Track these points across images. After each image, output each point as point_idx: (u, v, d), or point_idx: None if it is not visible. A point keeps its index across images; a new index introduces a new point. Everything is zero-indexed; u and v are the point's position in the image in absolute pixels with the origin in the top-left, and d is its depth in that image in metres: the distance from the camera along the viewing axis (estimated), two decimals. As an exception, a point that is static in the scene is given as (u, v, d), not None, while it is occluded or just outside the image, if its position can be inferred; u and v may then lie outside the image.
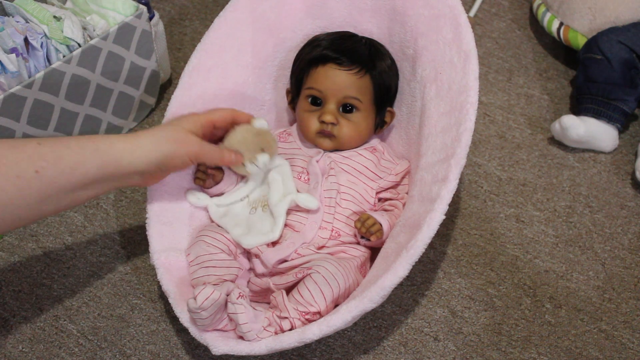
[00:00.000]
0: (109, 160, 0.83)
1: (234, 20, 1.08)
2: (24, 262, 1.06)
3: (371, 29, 1.11)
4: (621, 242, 1.10)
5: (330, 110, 1.02)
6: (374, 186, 1.02)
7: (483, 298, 1.02)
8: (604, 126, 1.19)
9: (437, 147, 0.94)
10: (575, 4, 1.29)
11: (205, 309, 0.83)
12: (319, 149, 1.04)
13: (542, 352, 0.97)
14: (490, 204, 1.14)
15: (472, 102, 0.92)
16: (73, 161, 0.80)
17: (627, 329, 1.00)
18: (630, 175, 1.18)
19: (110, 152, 0.83)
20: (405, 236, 0.89)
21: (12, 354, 0.96)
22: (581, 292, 1.03)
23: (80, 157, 0.81)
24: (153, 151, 0.86)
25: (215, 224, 1.00)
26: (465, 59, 0.95)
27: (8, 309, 1.00)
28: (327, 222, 0.97)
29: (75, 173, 0.80)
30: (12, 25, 1.04)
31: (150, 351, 0.96)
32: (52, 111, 1.08)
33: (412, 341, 0.98)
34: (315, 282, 0.88)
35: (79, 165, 0.81)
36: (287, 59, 1.12)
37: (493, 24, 1.44)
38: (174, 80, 1.31)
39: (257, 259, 0.96)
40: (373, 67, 1.03)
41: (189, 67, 1.06)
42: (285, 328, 0.87)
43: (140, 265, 1.05)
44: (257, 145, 0.96)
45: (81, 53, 1.06)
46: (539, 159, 1.21)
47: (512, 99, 1.30)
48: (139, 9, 1.13)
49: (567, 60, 1.37)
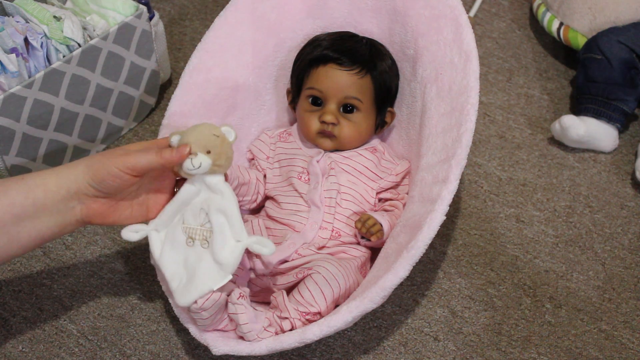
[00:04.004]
0: (34, 184, 0.79)
1: (234, 20, 1.08)
2: (24, 262, 1.06)
3: (372, 29, 1.11)
4: (621, 242, 1.10)
5: (330, 110, 1.02)
6: (375, 186, 1.02)
7: (483, 298, 1.02)
8: (604, 126, 1.19)
9: (438, 147, 0.94)
10: (575, 4, 1.29)
11: (206, 309, 0.83)
12: (320, 149, 1.04)
13: (542, 352, 0.97)
14: (490, 204, 1.14)
15: (473, 102, 0.92)
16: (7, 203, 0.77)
17: (627, 329, 1.00)
18: (630, 175, 1.18)
19: (35, 177, 0.80)
20: (405, 236, 0.89)
21: (12, 354, 0.96)
22: (581, 292, 1.04)
23: (3, 187, 0.78)
24: (77, 165, 0.81)
25: None
26: (465, 59, 0.95)
27: (8, 309, 1.00)
28: (327, 223, 0.97)
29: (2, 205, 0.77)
30: (12, 25, 1.03)
31: (150, 351, 0.96)
32: (52, 111, 1.07)
33: (412, 341, 0.98)
34: (316, 282, 0.88)
35: (2, 195, 0.78)
36: (288, 59, 1.12)
37: (493, 24, 1.44)
38: (174, 80, 1.31)
39: (258, 259, 0.96)
40: (374, 68, 1.03)
41: (189, 67, 1.06)
42: (286, 328, 0.87)
43: (140, 265, 1.05)
44: (206, 144, 0.82)
45: (81, 53, 1.06)
46: (539, 159, 1.21)
47: (512, 99, 1.30)
48: (139, 9, 1.13)
49: (567, 60, 1.37)
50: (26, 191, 0.79)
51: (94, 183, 0.80)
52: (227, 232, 0.83)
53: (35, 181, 0.80)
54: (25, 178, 0.80)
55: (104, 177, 0.80)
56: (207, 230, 0.84)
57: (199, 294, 0.82)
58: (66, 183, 0.80)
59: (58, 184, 0.80)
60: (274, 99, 1.15)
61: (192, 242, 0.84)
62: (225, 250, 0.83)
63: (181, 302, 0.83)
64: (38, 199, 0.79)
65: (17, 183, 0.79)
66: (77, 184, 0.80)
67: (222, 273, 0.82)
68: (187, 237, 0.85)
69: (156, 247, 0.86)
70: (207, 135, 0.82)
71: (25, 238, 0.80)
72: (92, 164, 0.81)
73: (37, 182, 0.80)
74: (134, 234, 0.86)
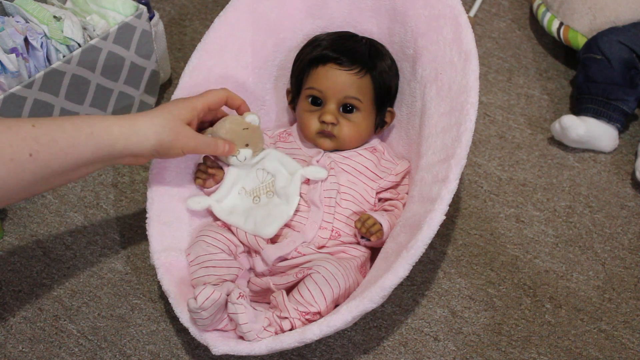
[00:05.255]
0: (103, 144, 0.83)
1: (234, 20, 1.08)
2: (24, 262, 1.06)
3: (371, 29, 1.11)
4: (621, 242, 1.10)
5: (330, 110, 1.02)
6: (374, 186, 1.02)
7: (483, 298, 1.02)
8: (604, 126, 1.19)
9: (438, 147, 0.94)
10: (575, 4, 1.29)
11: (206, 309, 0.83)
12: (319, 149, 1.04)
13: (542, 352, 0.97)
14: (490, 204, 1.14)
15: (473, 102, 0.92)
16: (67, 145, 0.80)
17: (627, 329, 1.00)
18: (630, 175, 1.18)
19: (106, 137, 0.83)
20: (405, 236, 0.89)
21: (12, 354, 0.96)
22: (581, 292, 1.03)
23: (74, 140, 0.80)
24: (149, 139, 0.86)
25: (216, 224, 0.99)
26: (465, 59, 0.95)
27: (8, 309, 1.00)
28: (327, 222, 0.97)
29: (69, 156, 0.80)
30: (12, 25, 1.04)
31: (150, 351, 0.96)
32: (52, 111, 1.08)
33: (412, 341, 0.98)
34: (316, 282, 0.88)
35: (73, 149, 0.80)
36: (287, 59, 1.12)
37: (493, 24, 1.44)
38: (174, 80, 1.31)
39: (258, 257, 0.96)
40: (373, 67, 1.03)
41: (189, 67, 1.06)
42: (286, 328, 0.87)
43: (140, 265, 1.05)
44: (243, 139, 0.98)
45: (81, 53, 1.06)
46: (539, 159, 1.21)
47: (512, 99, 1.30)
48: (139, 9, 1.13)
49: (567, 60, 1.37)
50: (95, 149, 0.82)
51: (156, 154, 0.89)
52: (284, 171, 0.99)
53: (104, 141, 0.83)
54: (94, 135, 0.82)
55: (168, 154, 0.90)
56: (269, 182, 0.99)
57: (278, 224, 0.95)
58: (133, 150, 0.86)
59: (125, 147, 0.85)
60: (273, 99, 1.15)
61: (259, 200, 0.99)
62: (286, 184, 0.98)
63: (265, 233, 0.95)
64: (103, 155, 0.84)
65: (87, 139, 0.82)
66: (142, 152, 0.87)
67: (291, 200, 0.96)
68: (252, 198, 0.99)
69: (221, 213, 0.99)
70: (239, 132, 0.97)
71: (76, 177, 0.85)
72: (162, 140, 0.87)
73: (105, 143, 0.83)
74: (197, 204, 0.99)
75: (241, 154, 0.98)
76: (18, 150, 0.76)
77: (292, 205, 0.96)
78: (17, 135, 0.76)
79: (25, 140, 0.77)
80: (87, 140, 0.82)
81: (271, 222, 0.96)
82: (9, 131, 0.76)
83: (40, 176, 0.78)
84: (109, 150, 0.84)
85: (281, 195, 0.98)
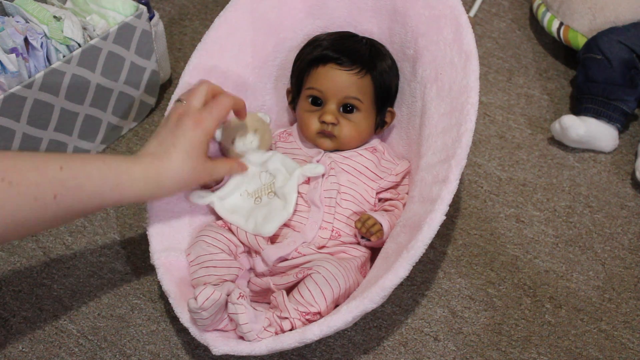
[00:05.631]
0: (126, 197, 0.84)
1: (234, 20, 1.08)
2: (24, 262, 1.06)
3: (372, 29, 1.11)
4: (621, 242, 1.10)
5: (330, 110, 1.02)
6: (374, 186, 1.02)
7: (483, 298, 1.02)
8: (604, 126, 1.19)
9: (438, 147, 0.94)
10: (575, 4, 1.29)
11: (206, 309, 0.83)
12: (319, 149, 1.04)
13: (542, 352, 0.97)
14: (490, 204, 1.14)
15: (473, 102, 0.92)
16: (92, 192, 0.81)
17: (627, 329, 1.00)
18: (630, 175, 1.18)
19: (130, 192, 0.84)
20: (405, 236, 0.89)
21: (12, 354, 0.96)
22: (581, 292, 1.04)
23: (99, 189, 0.81)
24: (171, 192, 0.89)
25: (217, 224, 0.99)
26: (465, 59, 0.95)
27: (8, 309, 1.00)
28: (327, 222, 0.97)
29: (93, 202, 0.81)
30: (12, 25, 1.03)
31: (150, 351, 0.96)
32: (52, 111, 1.08)
33: (412, 341, 0.98)
34: (316, 282, 0.88)
35: (97, 197, 0.81)
36: (288, 59, 1.12)
37: (493, 24, 1.44)
38: (174, 80, 1.31)
39: (258, 257, 0.96)
40: (374, 67, 1.03)
41: (189, 67, 1.06)
42: (286, 328, 0.87)
43: (140, 265, 1.05)
44: (252, 128, 1.00)
45: (81, 53, 1.06)
46: (539, 159, 1.21)
47: (512, 99, 1.30)
48: (139, 9, 1.13)
49: (567, 60, 1.37)
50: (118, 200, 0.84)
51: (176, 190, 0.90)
52: (284, 171, 0.99)
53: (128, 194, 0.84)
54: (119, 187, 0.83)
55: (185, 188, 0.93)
56: (270, 183, 1.00)
57: (278, 222, 0.96)
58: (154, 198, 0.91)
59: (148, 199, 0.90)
60: (273, 99, 1.15)
61: (260, 200, 0.99)
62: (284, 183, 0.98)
63: (265, 232, 0.96)
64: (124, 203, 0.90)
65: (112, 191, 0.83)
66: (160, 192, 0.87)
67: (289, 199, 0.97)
68: (254, 199, 1.00)
69: (223, 211, 0.99)
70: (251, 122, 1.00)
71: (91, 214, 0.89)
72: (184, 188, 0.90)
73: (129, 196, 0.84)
74: (200, 199, 0.99)
75: (247, 139, 0.99)
76: (43, 191, 0.76)
77: (290, 203, 0.97)
78: (43, 177, 0.77)
79: (51, 182, 0.77)
80: (112, 191, 0.82)
81: (271, 220, 0.96)
82: (36, 171, 0.76)
83: (61, 216, 0.80)
84: (131, 201, 0.86)
85: (280, 195, 0.98)
